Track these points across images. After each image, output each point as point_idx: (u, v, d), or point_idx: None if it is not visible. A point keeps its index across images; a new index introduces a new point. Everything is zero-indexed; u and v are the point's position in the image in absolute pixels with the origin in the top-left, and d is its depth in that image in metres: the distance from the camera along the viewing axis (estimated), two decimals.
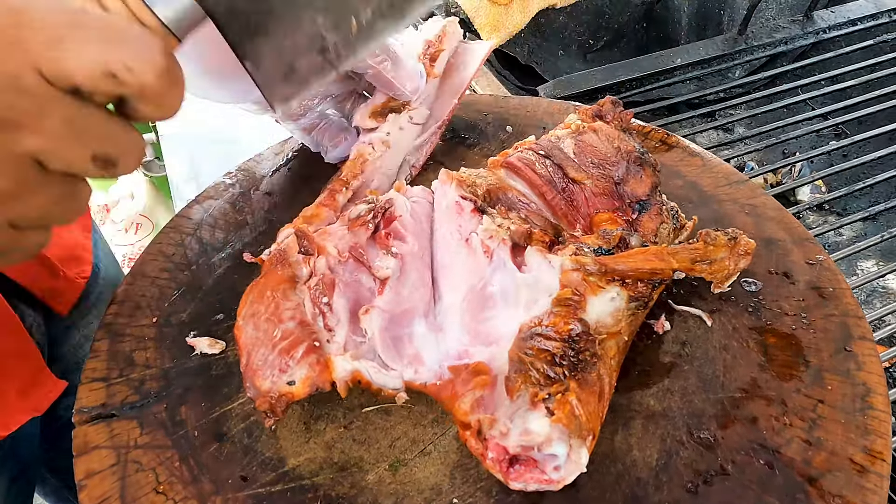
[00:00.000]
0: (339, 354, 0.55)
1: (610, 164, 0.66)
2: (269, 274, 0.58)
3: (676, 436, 0.57)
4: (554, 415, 0.47)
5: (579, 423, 0.48)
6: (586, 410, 0.49)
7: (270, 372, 0.54)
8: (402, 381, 0.55)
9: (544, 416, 0.48)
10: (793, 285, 0.68)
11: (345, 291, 0.58)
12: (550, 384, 0.49)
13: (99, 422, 0.61)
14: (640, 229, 0.62)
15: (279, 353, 0.54)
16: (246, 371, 0.55)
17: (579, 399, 0.49)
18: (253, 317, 0.56)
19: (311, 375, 0.54)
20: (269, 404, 0.54)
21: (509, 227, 0.60)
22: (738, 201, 0.77)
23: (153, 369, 0.65)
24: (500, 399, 0.50)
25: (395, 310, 0.58)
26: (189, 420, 0.61)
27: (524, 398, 0.49)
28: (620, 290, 0.55)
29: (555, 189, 0.65)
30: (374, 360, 0.57)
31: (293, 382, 0.54)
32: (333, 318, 0.57)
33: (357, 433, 0.59)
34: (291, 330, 0.55)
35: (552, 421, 0.47)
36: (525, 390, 0.49)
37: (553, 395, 0.48)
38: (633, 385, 0.61)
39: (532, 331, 0.52)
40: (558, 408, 0.48)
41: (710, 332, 0.65)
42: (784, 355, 0.62)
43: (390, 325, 0.57)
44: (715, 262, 0.60)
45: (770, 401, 0.59)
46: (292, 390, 0.54)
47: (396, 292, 0.58)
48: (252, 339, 0.55)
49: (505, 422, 0.49)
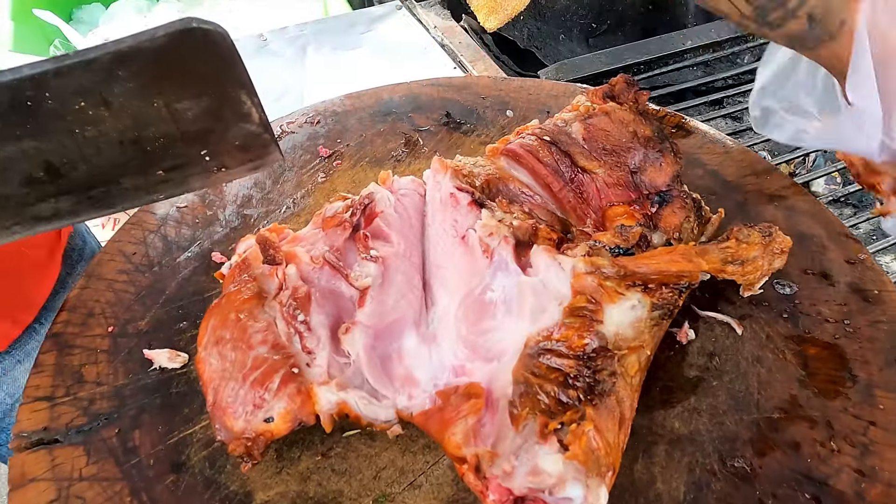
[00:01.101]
0: (323, 382, 0.47)
1: (624, 150, 0.58)
2: (231, 293, 0.50)
3: (707, 464, 0.49)
4: (568, 450, 0.39)
5: (597, 457, 0.40)
6: (605, 442, 0.41)
7: (243, 409, 0.46)
8: (395, 409, 0.47)
9: (556, 451, 0.40)
10: (832, 287, 0.60)
11: (323, 304, 0.49)
12: (563, 411, 0.41)
13: (40, 448, 0.53)
14: (662, 224, 0.54)
15: (252, 385, 0.46)
16: (214, 410, 0.47)
17: (597, 429, 0.41)
18: (217, 345, 0.47)
19: (291, 408, 0.46)
20: (245, 447, 0.45)
21: (511, 222, 0.52)
22: (766, 192, 0.69)
23: (104, 387, 0.57)
24: (503, 428, 0.42)
25: (379, 323, 0.49)
26: (143, 446, 0.53)
27: (531, 428, 0.41)
28: (642, 297, 0.47)
29: (562, 179, 0.57)
30: (362, 388, 0.48)
31: (271, 419, 0.46)
32: (312, 337, 0.49)
33: (337, 462, 0.51)
34: (264, 356, 0.47)
35: (566, 458, 0.39)
36: (532, 419, 0.41)
37: (566, 425, 0.40)
38: (655, 404, 0.53)
39: (540, 346, 0.44)
40: (573, 441, 0.40)
41: (741, 341, 0.57)
42: (826, 368, 0.54)
43: (377, 341, 0.49)
44: (747, 261, 0.52)
45: (813, 423, 0.51)
46: (271, 428, 0.46)
47: (379, 302, 0.50)
48: (218, 371, 0.47)
49: (509, 458, 0.41)
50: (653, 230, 0.54)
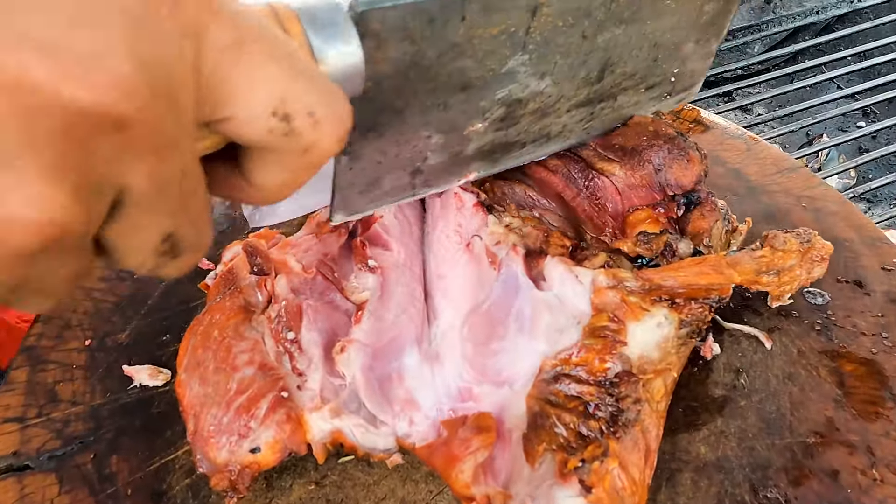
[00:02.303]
0: (315, 408, 0.42)
1: (646, 146, 0.53)
2: (214, 307, 0.45)
3: (737, 495, 0.45)
4: (591, 492, 0.35)
5: (622, 498, 0.36)
6: (630, 479, 0.36)
7: (227, 439, 0.41)
8: (396, 437, 0.43)
9: (578, 494, 0.35)
10: (867, 297, 0.56)
11: (315, 320, 0.45)
12: (584, 446, 0.37)
13: (9, 476, 0.49)
14: (690, 229, 0.49)
15: (237, 412, 0.42)
16: (195, 440, 0.42)
17: (621, 465, 0.36)
18: (198, 367, 0.43)
19: (280, 438, 0.42)
20: (229, 481, 0.41)
21: (521, 229, 0.48)
22: (792, 192, 0.64)
23: (80, 406, 0.52)
24: (517, 464, 0.38)
25: (378, 342, 0.45)
26: (121, 474, 0.48)
27: (549, 465, 0.37)
28: (669, 313, 0.42)
29: (575, 187, 0.52)
30: (358, 414, 0.44)
31: (258, 449, 0.42)
32: (303, 359, 0.44)
33: (332, 492, 0.47)
34: (250, 378, 0.42)
35: (589, 501, 0.35)
36: (550, 455, 0.37)
37: (587, 462, 0.36)
38: (679, 427, 0.49)
39: (557, 370, 0.39)
40: (596, 481, 0.35)
41: (770, 356, 0.52)
42: (865, 387, 0.50)
43: (375, 361, 0.45)
44: (784, 271, 0.48)
45: (853, 448, 0.47)
46: (257, 459, 0.42)
47: (378, 318, 0.45)
48: (199, 397, 0.42)
49: (524, 500, 0.36)
50: (679, 237, 0.49)
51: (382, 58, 0.36)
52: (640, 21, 0.49)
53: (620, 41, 0.49)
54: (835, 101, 1.36)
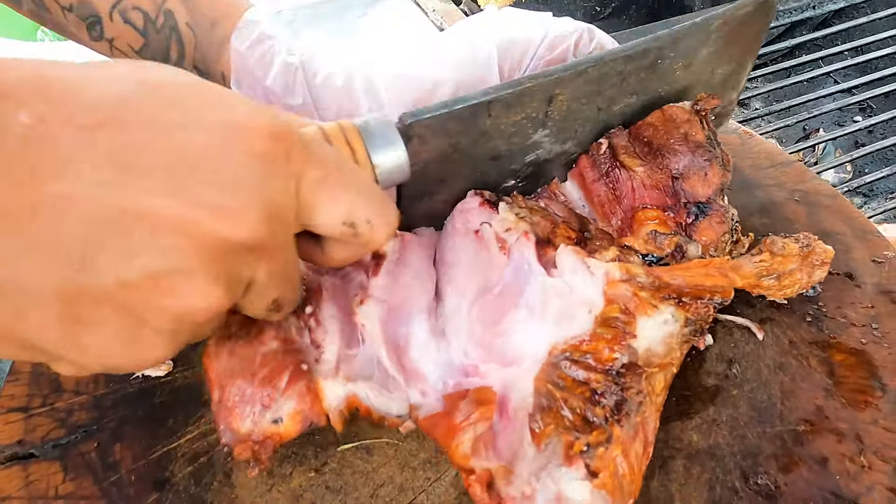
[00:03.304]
0: (331, 377, 0.43)
1: (670, 152, 0.54)
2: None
3: (727, 481, 0.46)
4: (596, 476, 0.36)
5: (622, 485, 0.37)
6: (630, 467, 0.37)
7: (251, 409, 0.42)
8: (409, 404, 0.43)
9: (583, 478, 0.36)
10: (858, 289, 0.56)
11: (333, 296, 0.46)
12: (589, 431, 0.37)
13: (14, 464, 0.49)
14: (697, 237, 0.50)
15: (260, 383, 0.42)
16: (219, 410, 0.43)
17: (624, 453, 0.37)
18: (229, 340, 0.43)
19: (301, 408, 0.42)
20: (252, 451, 0.42)
21: (531, 218, 0.49)
22: (786, 186, 0.65)
23: (84, 396, 0.53)
24: (522, 444, 0.38)
25: (392, 299, 0.46)
26: (124, 461, 0.49)
27: (555, 448, 0.38)
28: (676, 311, 0.43)
29: (598, 171, 0.53)
30: (372, 379, 0.45)
31: (280, 420, 0.42)
32: (321, 331, 0.45)
33: (331, 479, 0.48)
34: (273, 352, 0.43)
35: (594, 486, 0.36)
36: (557, 438, 0.38)
37: (592, 448, 0.37)
38: (672, 415, 0.50)
39: (566, 355, 0.40)
40: (601, 466, 0.36)
41: (762, 347, 0.53)
42: (855, 377, 0.51)
43: (389, 317, 0.46)
44: (784, 275, 0.48)
45: (842, 436, 0.48)
46: (279, 430, 0.42)
47: (395, 278, 0.47)
48: (227, 369, 0.43)
49: (529, 480, 0.37)
50: (689, 241, 0.50)
51: (426, 150, 0.46)
52: (651, 91, 0.55)
53: (636, 106, 0.55)
54: (831, 95, 1.37)
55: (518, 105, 0.48)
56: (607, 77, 0.51)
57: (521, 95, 0.47)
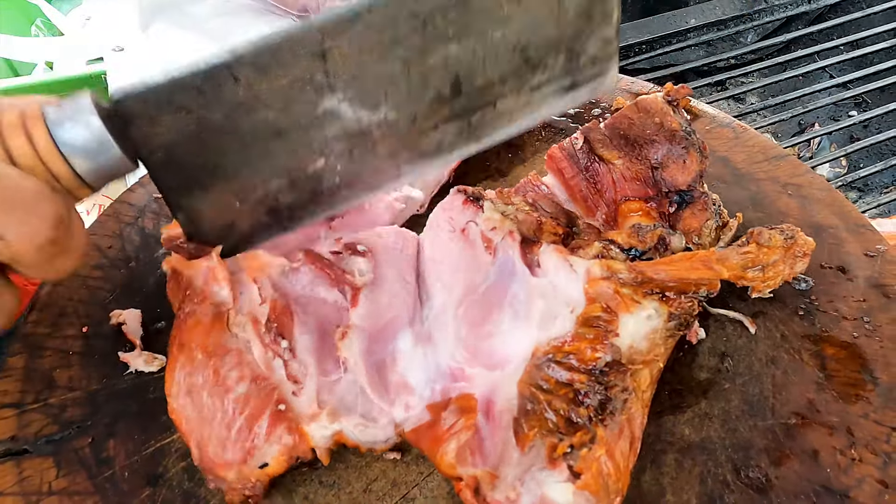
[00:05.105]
0: (313, 417, 0.43)
1: (647, 142, 0.54)
2: (186, 324, 0.45)
3: (719, 475, 0.46)
4: (579, 477, 0.36)
5: (607, 484, 0.37)
6: (615, 466, 0.37)
7: (233, 459, 0.42)
8: (394, 425, 0.43)
9: (566, 480, 0.36)
10: (850, 282, 0.57)
11: (305, 321, 0.45)
12: (572, 432, 0.38)
13: (7, 460, 0.50)
14: (680, 227, 0.50)
15: (238, 433, 0.42)
16: (202, 464, 0.43)
17: (608, 453, 0.37)
18: (190, 394, 0.43)
19: (285, 450, 0.43)
20: (243, 495, 0.42)
21: (515, 215, 0.48)
22: (779, 180, 0.65)
23: (77, 392, 0.53)
24: (507, 447, 0.38)
25: (374, 326, 0.46)
26: (118, 457, 0.49)
27: (538, 451, 0.38)
28: (659, 306, 0.43)
29: (576, 166, 0.53)
30: (355, 410, 0.44)
31: (265, 464, 0.43)
32: (298, 365, 0.44)
33: (324, 474, 0.48)
34: (245, 396, 0.43)
35: (577, 487, 0.36)
36: (540, 440, 0.38)
37: (575, 449, 0.37)
38: (663, 409, 0.50)
39: (549, 357, 0.40)
40: (584, 467, 0.36)
41: (754, 341, 0.54)
42: (846, 370, 0.51)
43: (372, 345, 0.45)
44: (768, 266, 0.49)
45: (832, 429, 0.48)
46: (267, 472, 0.43)
47: (373, 301, 0.46)
48: (197, 423, 0.43)
49: (514, 484, 0.37)
50: (672, 232, 0.50)
51: (161, 130, 0.40)
52: (476, 34, 0.45)
53: (461, 56, 0.45)
54: (827, 90, 1.37)
55: (275, 66, 0.39)
56: (396, 21, 0.41)
57: (273, 53, 0.39)
